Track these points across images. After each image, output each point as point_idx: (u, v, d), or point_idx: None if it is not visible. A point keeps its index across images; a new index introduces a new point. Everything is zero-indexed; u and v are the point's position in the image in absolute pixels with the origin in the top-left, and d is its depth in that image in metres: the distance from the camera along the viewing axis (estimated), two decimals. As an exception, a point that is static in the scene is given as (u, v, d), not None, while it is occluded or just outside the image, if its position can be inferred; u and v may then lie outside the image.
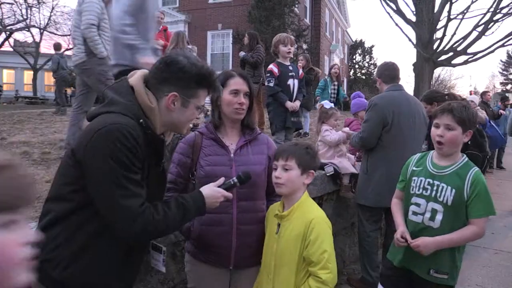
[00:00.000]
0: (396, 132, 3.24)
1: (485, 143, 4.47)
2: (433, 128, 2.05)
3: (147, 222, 1.32)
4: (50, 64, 9.62)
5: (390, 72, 3.48)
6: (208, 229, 1.86)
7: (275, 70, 4.04)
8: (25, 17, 21.50)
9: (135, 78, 1.43)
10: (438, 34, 14.98)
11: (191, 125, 6.34)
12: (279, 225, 1.82)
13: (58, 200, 1.35)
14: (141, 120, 1.34)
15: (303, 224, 1.75)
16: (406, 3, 17.93)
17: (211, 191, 1.56)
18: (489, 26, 14.23)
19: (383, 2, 15.02)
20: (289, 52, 4.12)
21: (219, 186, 1.59)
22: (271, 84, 3.99)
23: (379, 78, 3.55)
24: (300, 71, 4.50)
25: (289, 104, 4.02)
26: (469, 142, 3.95)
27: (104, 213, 1.30)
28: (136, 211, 1.29)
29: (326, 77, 7.74)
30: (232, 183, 1.63)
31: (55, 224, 1.33)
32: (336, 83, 7.34)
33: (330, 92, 7.26)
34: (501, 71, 49.30)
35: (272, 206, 1.95)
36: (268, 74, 4.07)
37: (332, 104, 4.45)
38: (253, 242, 1.88)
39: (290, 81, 4.11)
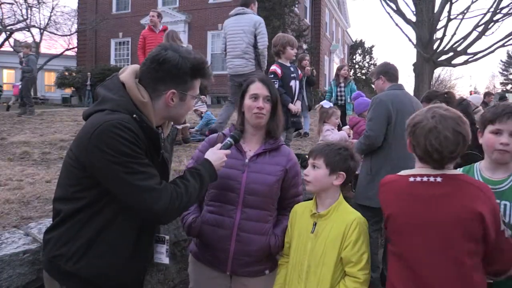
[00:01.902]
0: (400, 130, 3.19)
1: None
2: (490, 135, 1.70)
3: (172, 196, 1.37)
4: (27, 63, 9.14)
5: (394, 71, 3.49)
6: (209, 229, 1.86)
7: (279, 71, 3.98)
8: (25, 17, 21.44)
9: (126, 74, 1.44)
10: (438, 34, 14.97)
11: (189, 126, 6.32)
12: (314, 224, 1.80)
13: (65, 200, 1.40)
14: (134, 115, 1.35)
15: (343, 225, 1.73)
16: (406, 3, 17.95)
17: (214, 154, 1.66)
18: (489, 26, 14.21)
19: (383, 2, 15.00)
20: (294, 55, 4.15)
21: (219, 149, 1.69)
22: (276, 86, 3.94)
23: (384, 76, 3.48)
24: (299, 72, 4.49)
25: (292, 107, 4.00)
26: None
27: (130, 204, 1.34)
28: (158, 188, 1.34)
29: (331, 80, 7.79)
30: (229, 143, 1.77)
31: (64, 222, 1.38)
32: (342, 84, 7.27)
33: (336, 94, 7.29)
34: (501, 71, 49.24)
35: (300, 205, 1.94)
36: (272, 76, 3.99)
37: (331, 104, 4.46)
38: (253, 251, 1.85)
39: (292, 83, 4.08)
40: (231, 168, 1.85)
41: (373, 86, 4.02)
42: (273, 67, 4.05)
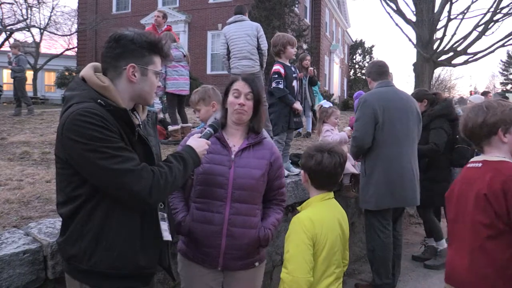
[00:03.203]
0: (389, 129, 3.17)
1: None
2: None
3: (156, 176, 1.38)
4: (18, 63, 9.20)
5: (376, 69, 3.46)
6: (199, 226, 1.88)
7: (282, 71, 3.90)
8: (25, 17, 21.43)
9: (85, 69, 1.49)
10: (438, 34, 14.97)
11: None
12: None
13: (64, 203, 1.42)
14: (98, 100, 1.37)
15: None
16: (406, 3, 17.97)
17: (197, 141, 1.68)
18: (489, 26, 14.21)
19: (383, 2, 15.00)
20: (294, 54, 4.13)
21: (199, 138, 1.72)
22: (281, 86, 3.81)
23: (368, 77, 3.52)
24: (297, 72, 4.46)
25: (298, 106, 3.97)
26: (457, 137, 3.94)
27: (112, 191, 1.35)
28: (136, 170, 1.34)
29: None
30: (209, 132, 1.77)
31: (68, 224, 1.42)
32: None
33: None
34: (501, 71, 49.17)
35: None
36: (276, 75, 3.89)
37: (331, 103, 4.45)
38: (244, 245, 1.88)
39: (294, 83, 4.04)
40: (217, 164, 1.88)
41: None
42: (277, 67, 3.92)
